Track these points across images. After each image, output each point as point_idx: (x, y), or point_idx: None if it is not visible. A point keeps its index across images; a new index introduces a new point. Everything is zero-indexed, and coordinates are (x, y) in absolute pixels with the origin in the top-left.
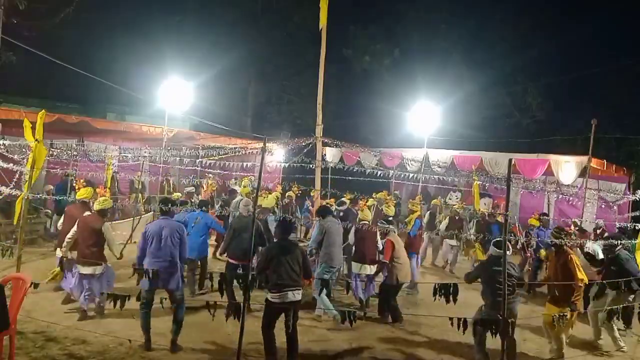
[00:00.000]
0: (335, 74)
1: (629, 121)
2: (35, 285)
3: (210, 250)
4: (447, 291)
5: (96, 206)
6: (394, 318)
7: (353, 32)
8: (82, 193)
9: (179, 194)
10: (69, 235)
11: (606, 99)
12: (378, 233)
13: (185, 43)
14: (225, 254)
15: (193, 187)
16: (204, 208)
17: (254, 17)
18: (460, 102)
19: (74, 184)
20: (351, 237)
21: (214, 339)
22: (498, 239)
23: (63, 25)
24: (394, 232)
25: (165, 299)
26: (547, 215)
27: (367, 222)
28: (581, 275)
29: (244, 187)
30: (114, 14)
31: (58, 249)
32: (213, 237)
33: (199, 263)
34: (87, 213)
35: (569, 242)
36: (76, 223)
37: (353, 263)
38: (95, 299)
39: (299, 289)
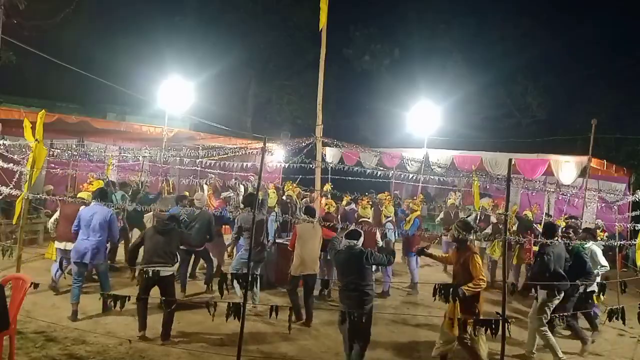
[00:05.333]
0: (335, 74)
1: (629, 121)
2: (35, 285)
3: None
4: (447, 291)
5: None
6: (297, 315)
7: (353, 32)
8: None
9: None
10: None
11: (606, 99)
12: (378, 231)
13: (185, 43)
14: None
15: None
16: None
17: (254, 17)
18: (460, 102)
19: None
20: None
21: (214, 339)
22: (352, 229)
23: (63, 25)
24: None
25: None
26: (576, 218)
27: (368, 219)
28: (482, 275)
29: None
30: (113, 14)
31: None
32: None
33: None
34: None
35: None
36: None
37: None
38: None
39: (169, 266)
